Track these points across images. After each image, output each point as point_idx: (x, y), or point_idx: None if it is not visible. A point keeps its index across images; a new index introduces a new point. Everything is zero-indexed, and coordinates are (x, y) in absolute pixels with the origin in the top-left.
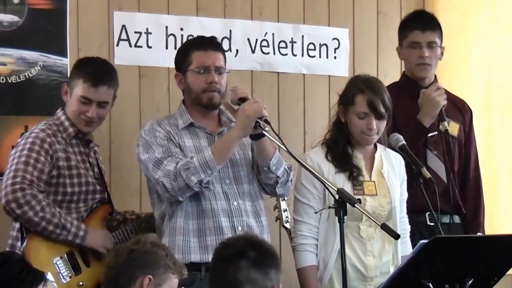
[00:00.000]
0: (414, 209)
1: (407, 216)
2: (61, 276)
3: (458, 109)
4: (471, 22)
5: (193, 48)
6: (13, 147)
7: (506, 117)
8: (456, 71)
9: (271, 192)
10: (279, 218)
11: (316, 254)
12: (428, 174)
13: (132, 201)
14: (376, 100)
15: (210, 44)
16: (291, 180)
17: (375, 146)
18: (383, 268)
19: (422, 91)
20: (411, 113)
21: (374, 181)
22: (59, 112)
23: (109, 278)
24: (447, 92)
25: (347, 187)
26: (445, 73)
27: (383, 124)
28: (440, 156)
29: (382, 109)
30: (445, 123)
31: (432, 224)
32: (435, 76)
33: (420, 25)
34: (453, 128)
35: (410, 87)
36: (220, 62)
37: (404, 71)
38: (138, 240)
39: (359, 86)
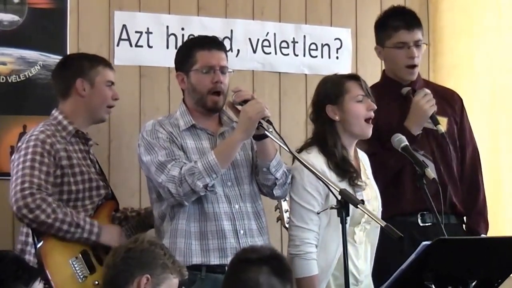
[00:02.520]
0: (405, 210)
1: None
2: (78, 276)
3: (446, 100)
4: (476, 23)
5: (197, 48)
6: (12, 147)
7: (511, 118)
8: (461, 72)
9: (268, 193)
10: (280, 218)
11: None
12: (432, 175)
13: (131, 200)
14: (365, 85)
15: (214, 43)
16: (289, 183)
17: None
18: (367, 270)
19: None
20: (392, 114)
21: (366, 184)
22: (55, 112)
23: (108, 278)
24: (432, 84)
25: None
26: (450, 74)
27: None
28: (428, 155)
29: (369, 92)
30: (440, 127)
31: (423, 224)
32: (418, 73)
33: (404, 24)
34: (441, 123)
35: (391, 87)
36: (224, 61)
37: (384, 71)
38: (136, 239)
39: (342, 77)
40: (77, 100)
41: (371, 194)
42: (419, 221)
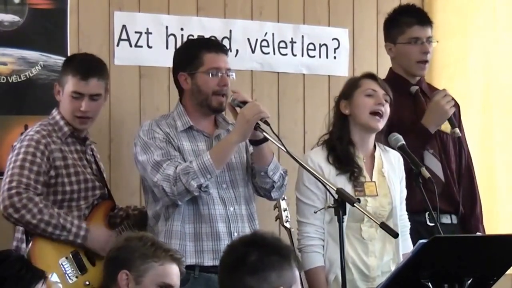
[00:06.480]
0: (414, 209)
1: (407, 213)
2: (68, 277)
3: None
4: (470, 22)
5: (204, 50)
6: (13, 146)
7: (505, 117)
8: (454, 71)
9: (265, 195)
10: (279, 217)
11: (323, 255)
12: (427, 174)
13: (131, 200)
14: (381, 81)
15: (220, 46)
16: (285, 185)
17: (374, 146)
18: (384, 267)
19: (434, 99)
20: (402, 111)
21: (374, 182)
22: (54, 112)
23: (102, 285)
24: (433, 87)
25: (348, 189)
26: (444, 73)
27: (388, 107)
28: (437, 155)
29: (385, 90)
30: (457, 130)
31: (431, 224)
32: None
33: (418, 20)
34: (446, 125)
35: (399, 84)
36: (229, 65)
37: (391, 68)
38: (115, 240)
39: (361, 75)
40: (61, 104)
41: (379, 191)
42: (427, 220)
